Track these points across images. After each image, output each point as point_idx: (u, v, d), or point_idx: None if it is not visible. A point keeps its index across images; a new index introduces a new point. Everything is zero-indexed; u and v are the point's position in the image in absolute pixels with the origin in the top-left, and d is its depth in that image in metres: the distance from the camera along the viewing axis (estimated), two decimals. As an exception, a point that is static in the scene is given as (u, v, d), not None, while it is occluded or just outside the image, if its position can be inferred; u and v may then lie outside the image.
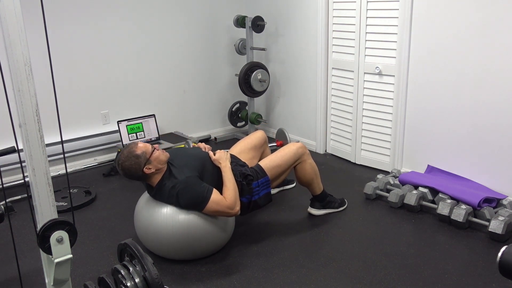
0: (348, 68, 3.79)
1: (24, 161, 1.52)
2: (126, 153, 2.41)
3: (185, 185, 2.35)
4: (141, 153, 2.39)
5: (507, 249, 1.29)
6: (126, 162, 2.39)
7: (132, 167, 2.38)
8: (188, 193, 2.34)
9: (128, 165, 2.39)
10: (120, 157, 2.42)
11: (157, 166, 2.41)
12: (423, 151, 3.44)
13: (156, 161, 2.41)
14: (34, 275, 2.40)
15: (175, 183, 2.37)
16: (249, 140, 3.06)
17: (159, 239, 2.42)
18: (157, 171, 2.43)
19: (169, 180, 2.41)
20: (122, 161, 2.40)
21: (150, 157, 2.40)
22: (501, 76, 2.88)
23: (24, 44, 1.39)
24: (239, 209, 2.45)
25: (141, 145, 2.43)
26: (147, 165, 2.39)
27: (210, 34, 4.57)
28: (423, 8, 3.19)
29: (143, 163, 2.38)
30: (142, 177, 2.42)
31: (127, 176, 2.44)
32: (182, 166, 2.46)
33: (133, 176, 2.42)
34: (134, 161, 2.38)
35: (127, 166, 2.39)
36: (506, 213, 2.68)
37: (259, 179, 2.65)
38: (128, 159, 2.39)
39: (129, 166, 2.39)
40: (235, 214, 2.44)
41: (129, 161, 2.38)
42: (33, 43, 2.20)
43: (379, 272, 2.39)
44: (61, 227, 1.46)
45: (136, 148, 2.41)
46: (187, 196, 2.34)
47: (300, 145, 2.83)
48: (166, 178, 2.43)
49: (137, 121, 4.03)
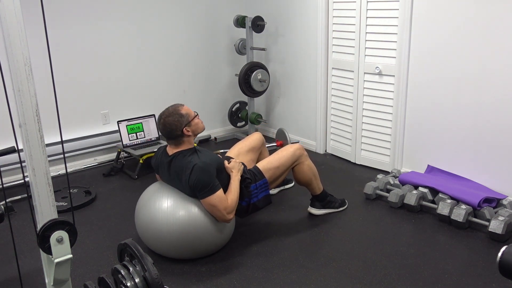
0: (348, 68, 3.79)
1: (24, 161, 1.52)
2: (171, 110, 2.50)
3: (204, 166, 2.40)
4: (185, 113, 2.49)
5: (507, 249, 1.29)
6: (170, 117, 2.47)
7: (173, 124, 2.46)
8: (203, 174, 2.38)
9: (170, 120, 2.46)
10: (164, 112, 2.51)
11: (195, 131, 2.54)
12: (423, 151, 3.45)
13: (195, 126, 2.53)
14: (34, 275, 2.40)
15: (196, 161, 2.41)
16: (247, 142, 3.07)
17: (160, 238, 2.43)
18: (190, 137, 2.53)
19: (192, 156, 2.47)
20: (166, 115, 2.48)
21: (192, 120, 2.50)
22: (501, 76, 2.88)
23: (24, 44, 1.39)
24: (232, 218, 2.49)
25: (186, 107, 2.55)
26: (186, 126, 2.48)
27: (210, 34, 4.58)
28: (423, 8, 3.19)
29: (184, 123, 2.47)
30: (178, 136, 2.49)
31: (166, 131, 2.49)
32: (206, 156, 2.52)
33: (171, 132, 2.48)
34: (178, 119, 2.46)
35: (169, 121, 2.46)
36: (506, 213, 2.68)
37: (257, 181, 2.66)
38: (172, 115, 2.47)
39: (171, 122, 2.46)
40: (227, 219, 2.45)
41: (172, 117, 2.46)
42: (33, 43, 2.20)
43: (379, 272, 2.39)
44: (61, 227, 1.46)
45: (182, 108, 2.52)
46: (200, 177, 2.37)
47: (297, 147, 2.83)
48: (189, 153, 2.49)
49: (137, 121, 4.03)
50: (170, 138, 2.52)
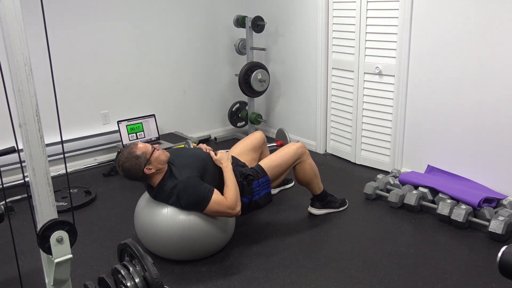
0: (348, 68, 3.79)
1: (24, 161, 1.52)
2: (126, 154, 2.39)
3: (186, 185, 2.35)
4: (141, 153, 2.37)
5: (507, 249, 1.29)
6: (126, 163, 2.38)
7: (133, 168, 2.37)
8: (189, 193, 2.34)
9: (128, 166, 2.38)
10: (120, 158, 2.41)
11: (157, 166, 2.40)
12: (423, 151, 3.44)
13: (156, 161, 2.39)
14: (34, 275, 2.40)
15: (176, 183, 2.36)
16: (248, 141, 3.06)
17: (159, 240, 2.42)
18: (158, 171, 2.42)
19: (170, 180, 2.40)
20: (122, 162, 2.39)
21: (150, 157, 2.38)
22: (501, 76, 2.88)
23: (24, 44, 1.39)
24: (240, 209, 2.45)
25: (140, 145, 2.41)
26: (147, 166, 2.37)
27: (210, 34, 4.57)
28: (423, 8, 3.19)
29: (143, 164, 2.37)
30: (142, 177, 2.42)
31: (128, 177, 2.43)
32: (183, 166, 2.45)
33: (133, 177, 2.42)
34: (134, 162, 2.36)
35: (127, 167, 2.38)
36: (506, 213, 2.68)
37: (260, 179, 2.65)
38: (128, 160, 2.37)
39: (129, 167, 2.38)
40: (236, 214, 2.43)
41: (129, 162, 2.37)
42: (33, 43, 2.20)
43: (379, 272, 2.39)
44: (61, 227, 1.46)
45: (136, 148, 2.39)
46: (188, 197, 2.34)
47: (300, 145, 2.83)
48: (167, 178, 2.42)
49: (137, 121, 4.03)
50: (138, 181, 2.46)
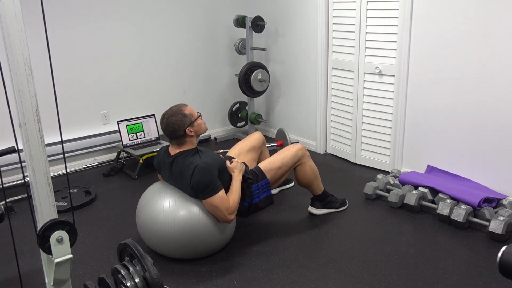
0: (348, 68, 3.79)
1: (24, 161, 1.52)
2: (175, 110, 2.50)
3: (205, 167, 2.40)
4: (188, 113, 2.50)
5: (507, 249, 1.29)
6: (173, 117, 2.47)
7: (176, 123, 2.46)
8: (204, 175, 2.38)
9: (173, 120, 2.46)
10: (167, 112, 2.52)
11: (197, 132, 2.54)
12: (423, 151, 3.44)
13: (198, 127, 2.53)
14: (34, 275, 2.40)
15: (198, 162, 2.41)
16: (248, 142, 3.07)
17: (161, 238, 2.43)
18: (193, 137, 2.52)
19: (194, 156, 2.47)
20: (169, 115, 2.48)
21: (195, 121, 2.51)
22: (501, 76, 2.88)
23: (24, 44, 1.39)
24: (233, 218, 2.49)
25: (189, 107, 2.55)
26: (189, 127, 2.48)
27: (210, 34, 4.57)
28: (423, 8, 3.19)
29: (187, 123, 2.47)
30: (180, 136, 2.49)
31: (168, 130, 2.49)
32: (208, 157, 2.51)
33: (174, 132, 2.48)
34: (181, 119, 2.46)
35: (172, 120, 2.46)
36: (506, 213, 2.68)
37: (259, 181, 2.66)
38: (175, 114, 2.47)
39: (174, 121, 2.46)
40: (228, 220, 2.45)
41: (175, 117, 2.46)
42: (33, 43, 2.20)
43: (379, 272, 2.39)
44: (61, 227, 1.46)
45: (185, 108, 2.52)
46: (202, 178, 2.37)
47: (300, 147, 2.83)
48: (191, 153, 2.49)
49: (137, 121, 4.03)
50: (173, 138, 2.52)
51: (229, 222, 2.48)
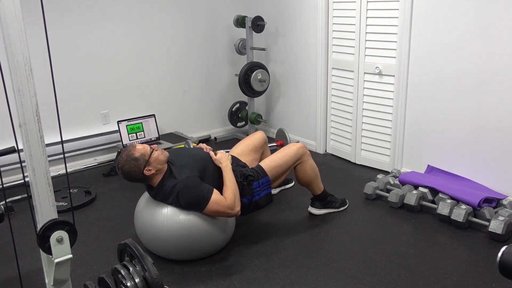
0: (348, 68, 3.79)
1: (24, 161, 1.52)
2: (124, 157, 2.40)
3: (185, 185, 2.35)
4: (139, 155, 2.37)
5: (507, 249, 1.29)
6: (126, 165, 2.38)
7: (132, 170, 2.38)
8: (188, 193, 2.34)
9: (127, 169, 2.38)
10: (119, 161, 2.42)
11: (157, 167, 2.41)
12: (423, 151, 3.44)
13: (155, 162, 2.40)
14: (34, 275, 2.40)
15: (175, 183, 2.36)
16: (249, 141, 3.06)
17: (159, 240, 2.42)
18: (158, 172, 2.42)
19: (170, 180, 2.40)
20: (122, 164, 2.39)
21: (149, 158, 2.38)
22: (501, 76, 2.88)
23: (24, 44, 1.39)
24: (239, 209, 2.45)
25: (139, 147, 2.41)
26: (146, 167, 2.38)
27: (210, 34, 4.57)
28: (423, 8, 3.19)
29: (142, 165, 2.37)
30: (142, 179, 2.42)
31: (128, 179, 2.43)
32: (182, 166, 2.46)
33: (134, 178, 2.42)
34: (134, 164, 2.37)
35: (126, 169, 2.38)
36: (506, 213, 2.68)
37: (260, 179, 2.65)
38: (127, 162, 2.38)
39: (128, 170, 2.38)
40: (235, 214, 2.43)
41: (128, 165, 2.38)
42: (33, 43, 2.20)
43: (379, 272, 2.39)
44: (61, 227, 1.46)
45: (134, 150, 2.39)
46: (187, 196, 2.34)
47: (300, 146, 2.83)
48: (167, 178, 2.42)
49: (137, 121, 4.03)
50: (138, 182, 2.46)
51: (236, 215, 2.46)
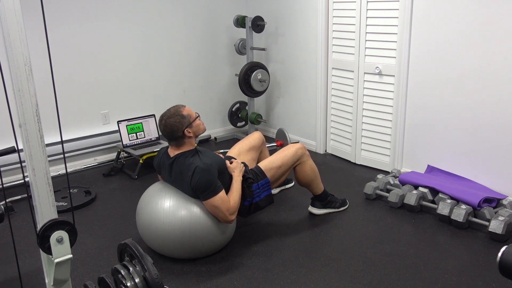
0: (348, 68, 3.79)
1: (24, 161, 1.52)
2: (172, 111, 2.50)
3: (205, 168, 2.40)
4: (186, 114, 2.49)
5: (507, 249, 1.29)
6: (171, 118, 2.47)
7: (175, 125, 2.46)
8: (204, 176, 2.37)
9: (172, 122, 2.46)
10: (165, 113, 2.51)
11: (196, 133, 2.54)
12: (423, 151, 3.44)
13: (196, 127, 2.53)
14: (34, 275, 2.40)
15: (198, 163, 2.41)
16: (247, 142, 3.07)
17: (161, 237, 2.43)
18: (191, 138, 2.52)
19: (193, 157, 2.47)
20: (167, 116, 2.48)
21: (193, 122, 2.51)
22: (501, 76, 2.88)
23: (24, 44, 1.39)
24: (234, 219, 2.49)
25: (187, 108, 2.55)
26: (188, 128, 2.48)
27: (210, 34, 4.58)
28: (423, 8, 3.19)
29: (186, 124, 2.47)
30: (179, 137, 2.49)
31: (167, 132, 2.49)
32: (208, 158, 2.51)
33: (172, 133, 2.48)
34: (179, 120, 2.46)
35: (171, 122, 2.46)
36: (506, 213, 2.68)
37: (259, 181, 2.66)
38: (173, 116, 2.47)
39: (172, 123, 2.46)
40: (229, 220, 2.45)
41: (174, 118, 2.46)
42: (33, 43, 2.20)
43: (379, 272, 2.39)
44: (61, 227, 1.46)
45: (183, 109, 2.51)
46: (202, 179, 2.37)
47: (300, 146, 2.83)
48: (191, 154, 2.49)
49: (137, 121, 4.03)
50: (172, 139, 2.52)
51: (230, 223, 2.49)
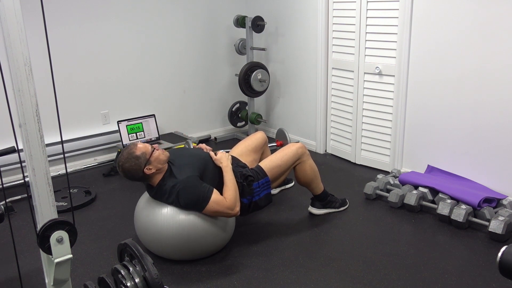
0: (348, 68, 3.79)
1: (24, 161, 1.52)
2: (125, 155, 2.40)
3: (185, 184, 2.35)
4: (140, 154, 2.38)
5: (507, 249, 1.29)
6: (126, 163, 2.39)
7: (132, 169, 2.38)
8: (189, 193, 2.34)
9: (128, 167, 2.38)
10: (120, 159, 2.42)
11: (157, 166, 2.41)
12: (423, 151, 3.44)
13: (156, 161, 2.40)
14: (34, 275, 2.40)
15: (175, 183, 2.37)
16: (250, 142, 3.06)
17: (159, 240, 2.42)
18: (158, 171, 2.42)
19: (170, 180, 2.40)
20: (122, 162, 2.40)
21: (150, 157, 2.39)
22: (501, 76, 2.88)
23: (24, 44, 1.39)
24: (239, 209, 2.45)
25: (140, 145, 2.42)
26: (147, 166, 2.38)
27: (210, 34, 4.57)
28: (423, 8, 3.19)
29: (143, 164, 2.38)
30: (143, 178, 2.42)
31: (128, 177, 2.43)
32: (183, 166, 2.46)
33: (134, 177, 2.42)
34: (134, 162, 2.37)
35: (127, 167, 2.39)
36: (506, 213, 2.68)
37: (260, 179, 2.65)
38: (128, 160, 2.38)
39: (129, 168, 2.38)
40: (235, 214, 2.44)
41: (129, 163, 2.38)
42: (33, 43, 2.20)
43: (379, 272, 2.39)
44: (61, 227, 1.46)
45: (136, 149, 2.40)
46: (187, 196, 2.34)
47: (300, 146, 2.83)
48: (167, 177, 2.43)
49: (137, 121, 4.03)
50: (138, 181, 2.47)
51: (236, 215, 2.46)
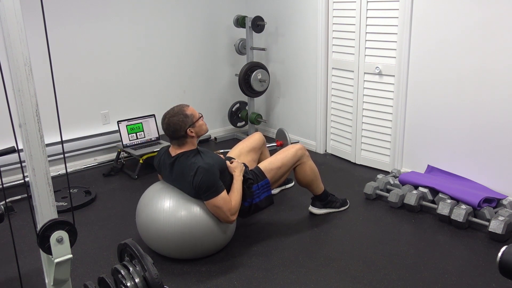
0: (348, 68, 3.79)
1: (24, 161, 1.52)
2: (176, 110, 2.50)
3: (208, 168, 2.39)
4: (190, 114, 2.49)
5: (507, 249, 1.29)
6: (175, 117, 2.47)
7: (178, 124, 2.46)
8: (208, 176, 2.37)
9: (175, 120, 2.46)
10: (169, 112, 2.51)
11: (198, 133, 2.53)
12: (423, 151, 3.44)
13: (199, 128, 2.52)
14: (34, 275, 2.40)
15: (200, 163, 2.41)
16: (248, 143, 3.07)
17: (161, 238, 2.43)
18: (193, 139, 2.52)
19: (196, 157, 2.46)
20: (171, 115, 2.48)
21: (196, 122, 2.50)
22: (501, 76, 2.88)
23: (24, 44, 1.38)
24: (235, 219, 2.50)
25: (191, 108, 2.55)
26: (190, 127, 2.48)
27: (210, 34, 4.58)
28: (423, 8, 3.19)
29: (188, 124, 2.47)
30: (181, 136, 2.49)
31: (169, 130, 2.49)
32: (209, 157, 2.51)
33: (175, 132, 2.47)
34: (182, 119, 2.46)
35: (174, 121, 2.46)
36: (506, 213, 2.68)
37: (259, 182, 2.66)
38: (176, 114, 2.47)
39: (175, 122, 2.46)
40: (230, 221, 2.46)
41: (177, 117, 2.46)
42: (33, 43, 2.20)
43: (379, 272, 2.39)
44: (61, 227, 1.46)
45: (187, 109, 2.52)
46: (205, 179, 2.37)
47: (299, 147, 2.84)
48: (193, 154, 2.49)
49: (137, 121, 4.03)
50: (174, 138, 2.51)
51: (230, 223, 2.49)
